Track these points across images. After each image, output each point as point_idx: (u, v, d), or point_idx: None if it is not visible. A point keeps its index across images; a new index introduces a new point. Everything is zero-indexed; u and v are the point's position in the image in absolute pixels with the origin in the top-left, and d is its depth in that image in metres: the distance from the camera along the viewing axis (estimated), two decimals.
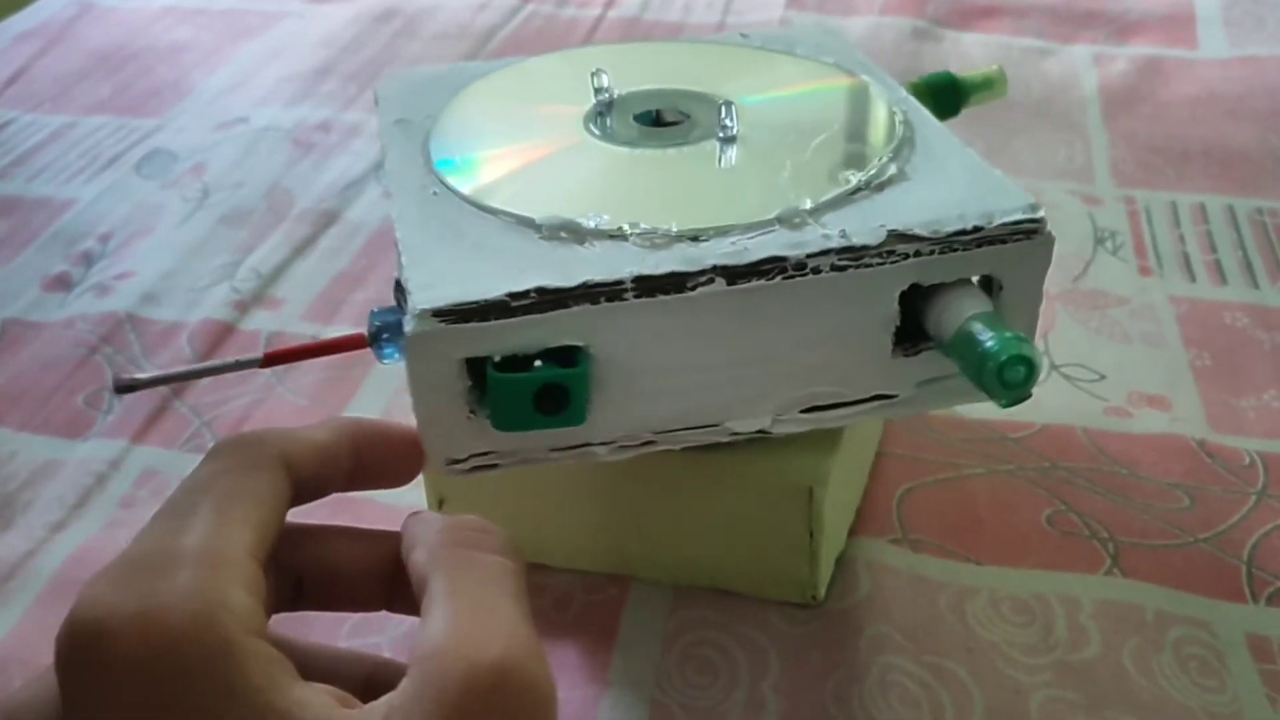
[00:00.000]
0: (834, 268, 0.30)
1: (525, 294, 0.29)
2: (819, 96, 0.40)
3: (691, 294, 0.30)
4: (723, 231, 0.31)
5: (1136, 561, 0.41)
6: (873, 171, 0.33)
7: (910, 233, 0.30)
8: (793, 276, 0.30)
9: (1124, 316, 0.55)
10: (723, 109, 0.36)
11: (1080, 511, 0.44)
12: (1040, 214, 0.31)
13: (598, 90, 0.38)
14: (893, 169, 0.33)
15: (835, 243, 0.30)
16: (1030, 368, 0.28)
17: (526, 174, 0.36)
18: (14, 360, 0.56)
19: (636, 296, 0.29)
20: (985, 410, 0.49)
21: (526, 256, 0.30)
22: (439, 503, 0.43)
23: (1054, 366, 0.52)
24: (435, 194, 0.34)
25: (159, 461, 0.49)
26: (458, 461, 0.31)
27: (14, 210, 0.69)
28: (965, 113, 0.44)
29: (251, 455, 0.26)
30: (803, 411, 0.33)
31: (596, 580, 0.41)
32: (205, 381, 0.54)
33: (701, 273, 0.29)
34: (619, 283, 0.29)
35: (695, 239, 0.30)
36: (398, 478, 0.30)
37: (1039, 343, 0.53)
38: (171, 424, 0.51)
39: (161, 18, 0.95)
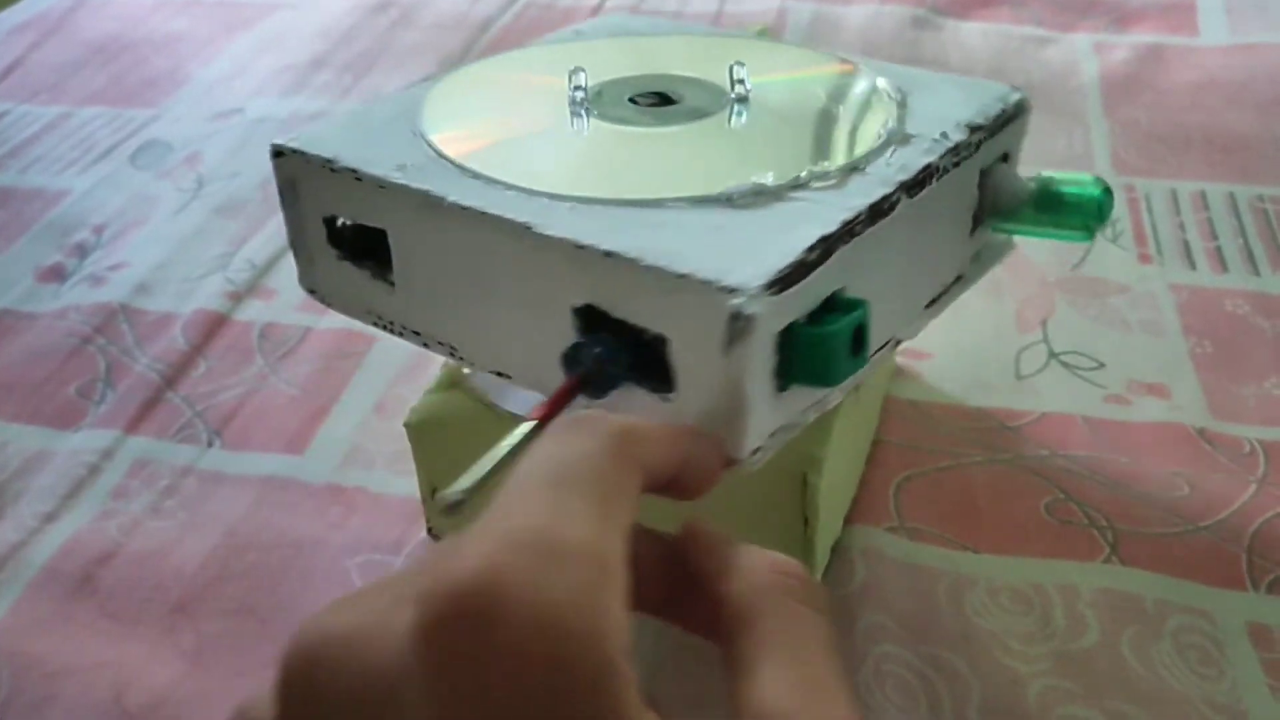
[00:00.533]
0: (955, 164, 0.34)
1: (813, 248, 0.29)
2: (809, 79, 0.40)
3: (893, 213, 0.31)
4: (858, 165, 0.33)
5: (1136, 550, 0.41)
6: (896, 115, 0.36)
7: (975, 123, 0.35)
8: (939, 177, 0.33)
9: (1124, 304, 0.55)
10: (734, 69, 0.38)
11: (1079, 500, 0.43)
12: (1023, 93, 0.38)
13: (576, 88, 0.38)
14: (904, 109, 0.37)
15: (946, 143, 0.34)
16: (1110, 193, 0.36)
17: (591, 164, 0.35)
18: (6, 351, 0.55)
19: (865, 227, 0.30)
20: (985, 398, 0.49)
21: (758, 223, 0.30)
22: (431, 490, 0.42)
23: (1053, 355, 0.51)
24: (571, 208, 0.31)
25: (151, 452, 0.48)
26: (759, 450, 0.30)
27: (8, 201, 0.68)
28: None
29: (628, 452, 0.23)
30: (925, 307, 0.36)
31: None
32: (198, 371, 0.53)
33: (894, 191, 0.31)
34: (857, 217, 0.30)
35: (856, 168, 0.33)
36: (697, 490, 0.27)
37: (1037, 330, 0.53)
38: (164, 414, 0.51)
39: (157, 9, 0.95)
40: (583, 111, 0.37)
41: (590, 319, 0.30)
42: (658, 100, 0.38)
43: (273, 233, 0.63)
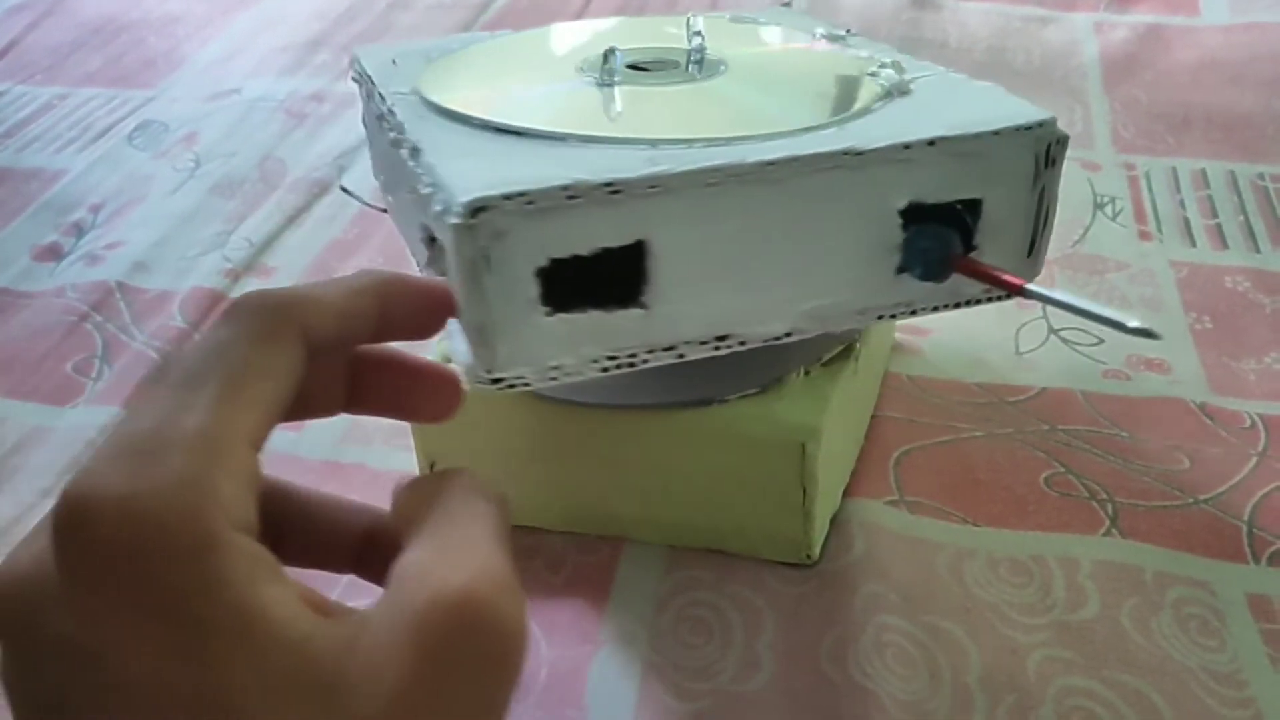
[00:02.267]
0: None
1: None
2: (808, 53, 0.40)
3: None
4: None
5: (1136, 522, 0.41)
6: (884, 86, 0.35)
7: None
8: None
9: (1123, 281, 0.54)
10: (690, 20, 0.38)
11: (1079, 473, 0.43)
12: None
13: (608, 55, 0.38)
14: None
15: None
16: None
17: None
18: (3, 329, 0.55)
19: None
20: (984, 374, 0.48)
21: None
22: (430, 465, 0.42)
23: (1052, 330, 0.51)
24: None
25: None
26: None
27: (5, 180, 0.68)
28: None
29: (269, 323, 0.24)
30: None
31: (590, 542, 0.41)
32: None
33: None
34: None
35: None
36: (424, 329, 0.28)
37: (1036, 306, 0.53)
38: None
39: None
40: (610, 78, 0.38)
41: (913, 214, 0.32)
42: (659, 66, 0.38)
43: (270, 211, 0.63)
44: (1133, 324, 0.27)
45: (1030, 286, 0.30)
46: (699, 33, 0.38)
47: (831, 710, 0.35)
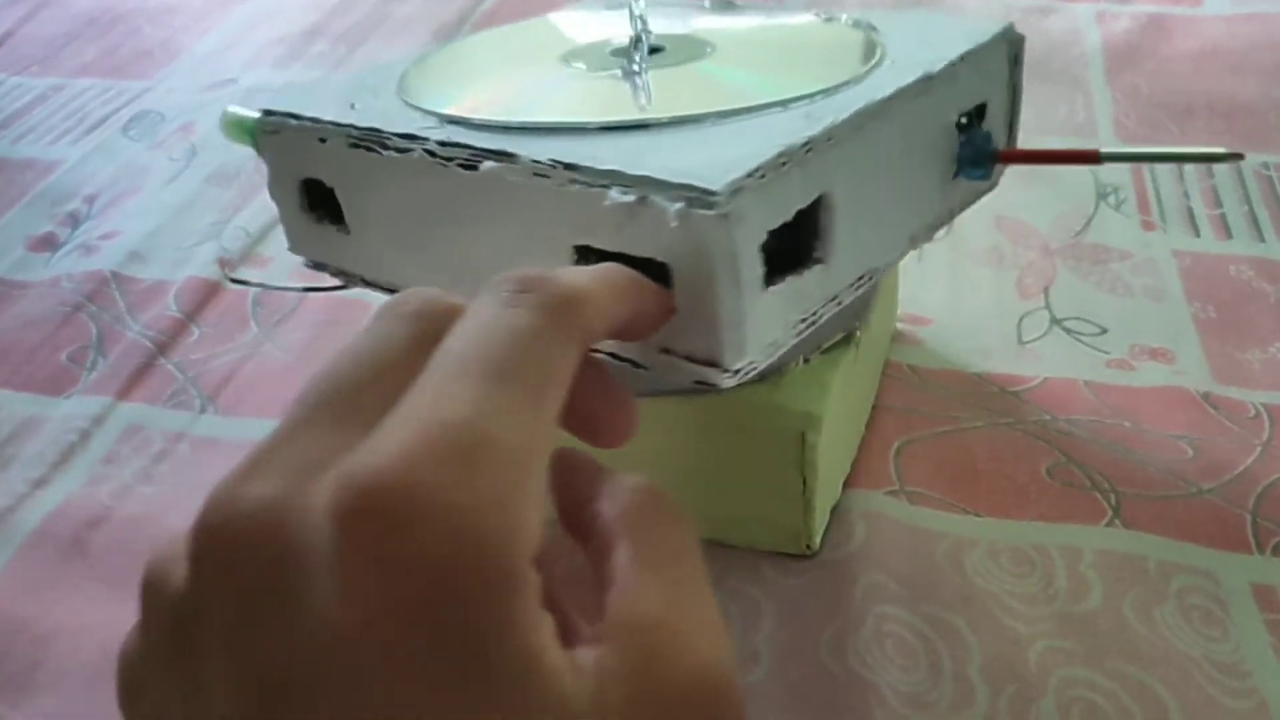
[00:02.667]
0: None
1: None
2: (795, 28, 0.40)
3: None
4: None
5: (1139, 512, 0.41)
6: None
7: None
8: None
9: (1126, 271, 0.54)
10: (632, 6, 0.37)
11: (1081, 463, 0.43)
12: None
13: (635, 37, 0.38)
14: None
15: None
16: None
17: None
18: None
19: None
20: (985, 364, 0.48)
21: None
22: None
23: (1055, 320, 0.51)
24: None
25: (143, 418, 0.48)
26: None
27: (0, 171, 0.68)
28: None
29: (563, 319, 0.22)
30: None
31: None
32: (191, 338, 0.53)
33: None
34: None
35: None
36: (644, 336, 0.27)
37: (1039, 296, 0.52)
38: (156, 380, 0.50)
39: None
40: (567, 65, 0.37)
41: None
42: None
43: (267, 201, 0.62)
44: (1219, 150, 0.32)
45: (1105, 150, 0.34)
46: (642, 17, 0.37)
47: (831, 702, 0.34)
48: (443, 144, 0.31)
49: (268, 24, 0.85)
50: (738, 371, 0.28)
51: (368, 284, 0.37)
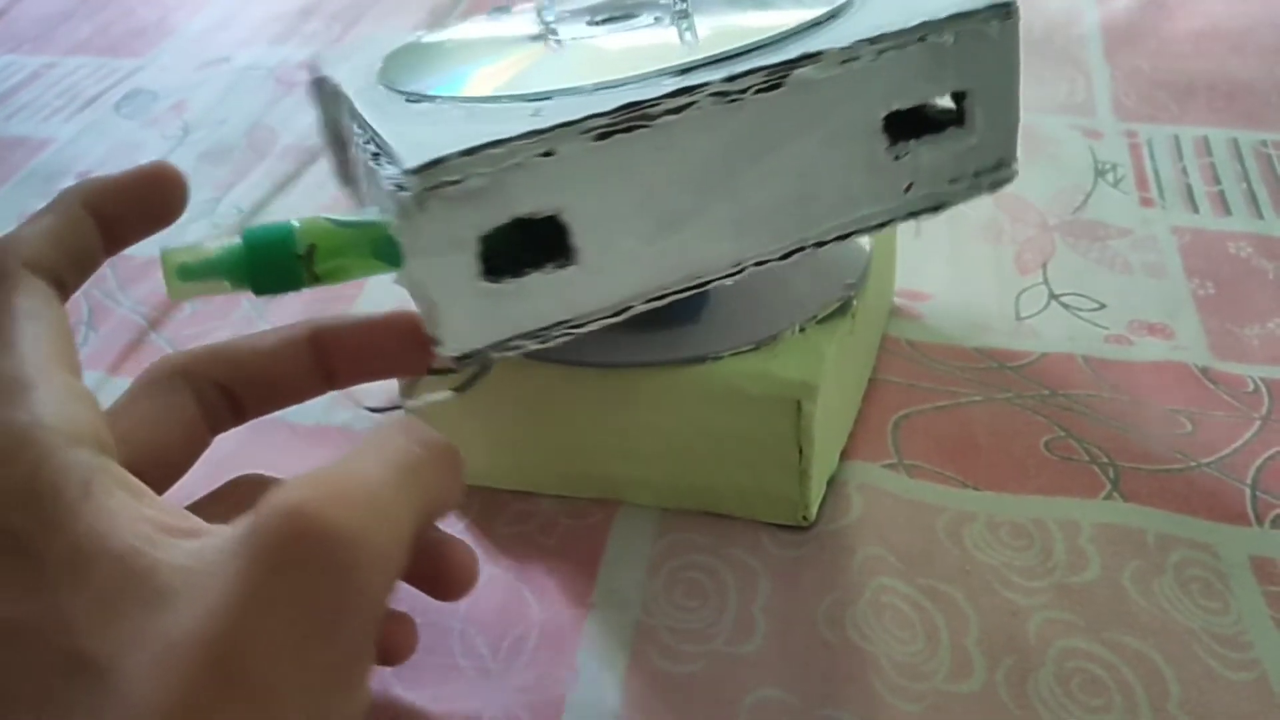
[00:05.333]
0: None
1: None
2: None
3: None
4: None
5: (1137, 486, 0.40)
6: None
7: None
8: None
9: (1125, 247, 0.54)
10: None
11: (1080, 437, 0.42)
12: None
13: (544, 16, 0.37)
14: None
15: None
16: None
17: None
18: None
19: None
20: (984, 339, 0.48)
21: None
22: None
23: (1053, 296, 0.50)
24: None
25: None
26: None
27: None
28: None
29: (3, 277, 0.24)
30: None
31: (582, 505, 0.40)
32: (184, 314, 0.52)
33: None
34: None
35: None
36: (159, 219, 0.28)
37: (1037, 272, 0.52)
38: (148, 356, 0.50)
39: None
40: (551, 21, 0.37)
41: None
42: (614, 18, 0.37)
43: (260, 178, 0.62)
44: None
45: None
46: None
47: (828, 672, 0.34)
48: (731, 78, 0.29)
49: (262, 2, 0.84)
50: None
51: (580, 327, 0.31)
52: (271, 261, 0.27)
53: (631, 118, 0.28)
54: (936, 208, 0.35)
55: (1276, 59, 0.69)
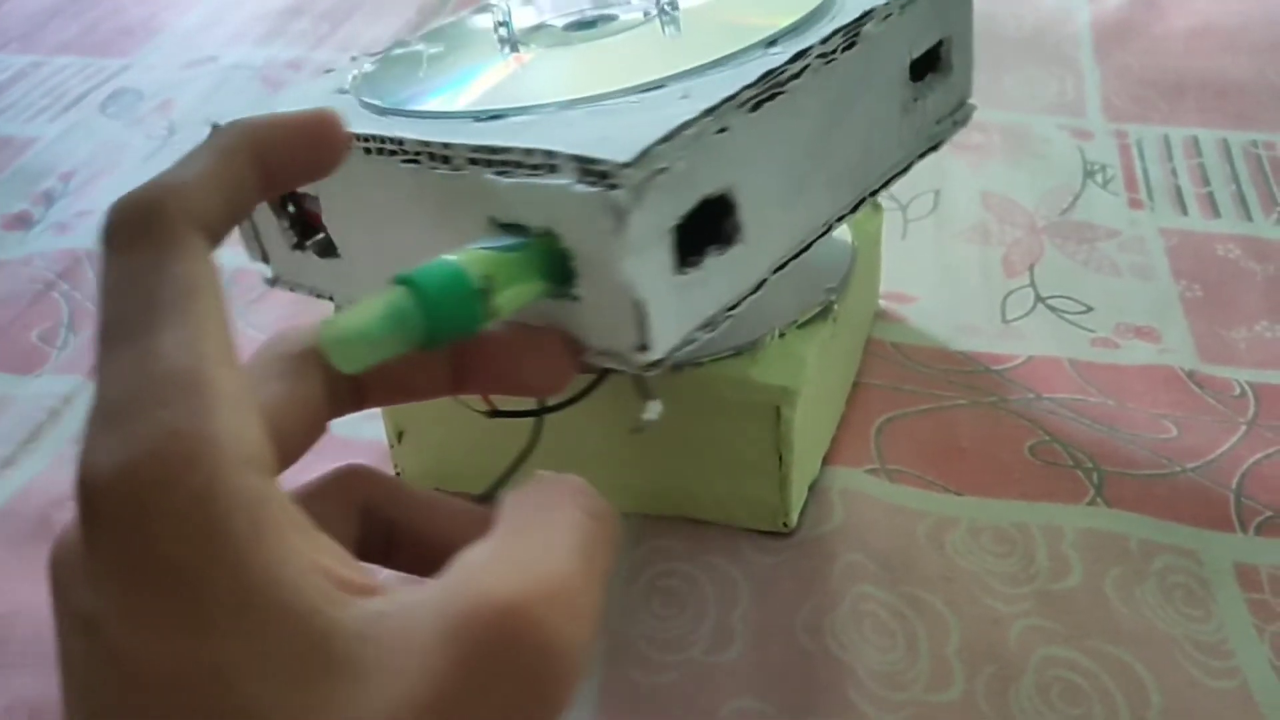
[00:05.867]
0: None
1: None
2: None
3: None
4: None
5: (1121, 491, 0.40)
6: None
7: None
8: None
9: (1113, 249, 0.53)
10: None
11: (1064, 442, 0.42)
12: None
13: (499, 25, 0.37)
14: None
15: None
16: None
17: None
18: None
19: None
20: (969, 342, 0.47)
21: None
22: (398, 435, 0.41)
23: (1040, 298, 0.50)
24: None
25: None
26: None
27: None
28: None
29: (166, 236, 0.20)
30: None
31: None
32: None
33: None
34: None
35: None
36: (323, 167, 0.25)
37: (1024, 274, 0.52)
38: None
39: None
40: (510, 45, 0.36)
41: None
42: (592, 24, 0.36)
43: None
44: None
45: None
46: None
47: (804, 681, 0.34)
48: (825, 39, 0.30)
49: (249, 1, 0.84)
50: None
51: (735, 309, 0.31)
52: (449, 306, 0.24)
53: (769, 86, 0.29)
54: (935, 146, 0.37)
55: (1268, 58, 0.69)
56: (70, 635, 0.19)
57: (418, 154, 0.29)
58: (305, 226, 0.34)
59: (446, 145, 0.28)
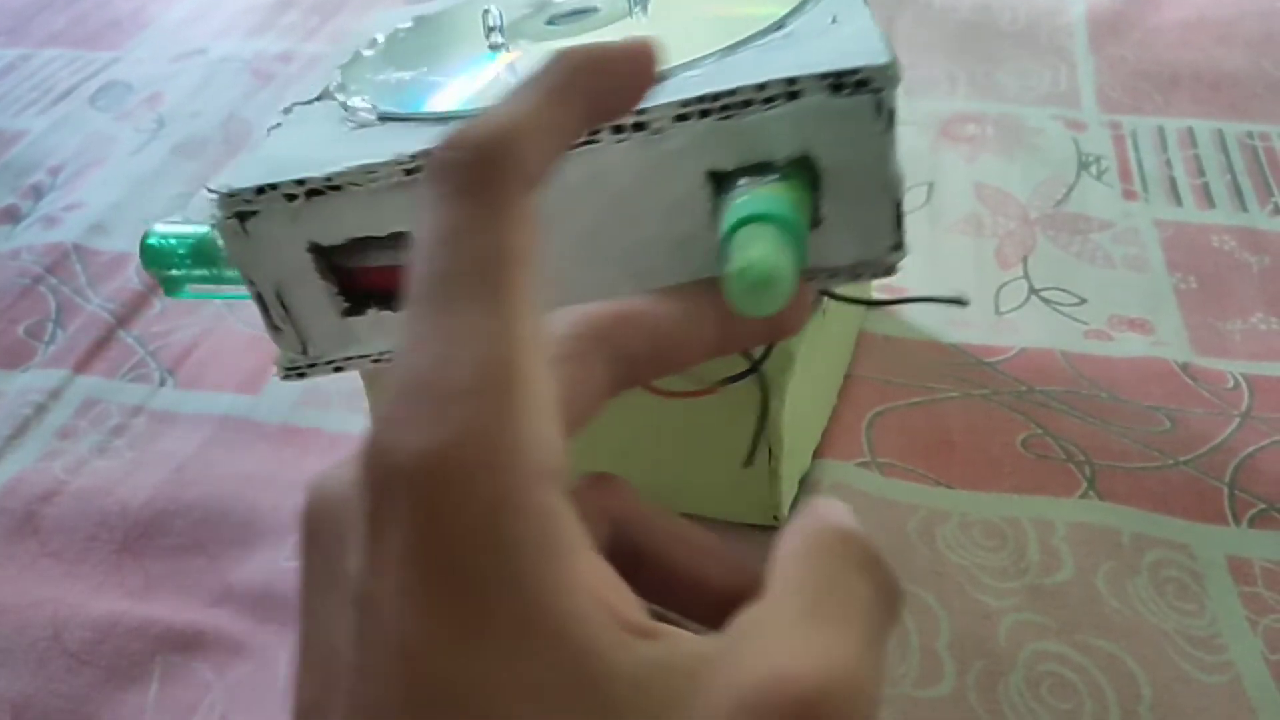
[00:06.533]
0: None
1: None
2: None
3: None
4: None
5: (1114, 484, 0.40)
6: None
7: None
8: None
9: (1107, 241, 0.53)
10: None
11: (1057, 435, 0.42)
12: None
13: (490, 30, 0.35)
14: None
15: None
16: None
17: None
18: None
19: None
20: (962, 334, 0.47)
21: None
22: None
23: (1033, 290, 0.50)
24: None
25: (101, 391, 0.47)
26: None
27: None
28: (947, 40, 0.41)
29: (501, 193, 0.19)
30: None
31: None
32: (153, 311, 0.52)
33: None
34: None
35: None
36: (634, 101, 0.22)
37: (1017, 266, 0.51)
38: (115, 353, 0.49)
39: None
40: (500, 42, 0.35)
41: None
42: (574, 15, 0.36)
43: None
44: None
45: None
46: None
47: None
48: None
49: None
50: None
51: None
52: (805, 237, 0.24)
53: None
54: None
55: (1263, 49, 0.69)
56: (331, 600, 0.19)
57: (595, 132, 0.26)
58: (356, 288, 0.30)
59: (642, 110, 0.26)
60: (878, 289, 0.49)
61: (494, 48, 0.35)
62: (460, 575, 0.17)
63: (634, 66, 0.22)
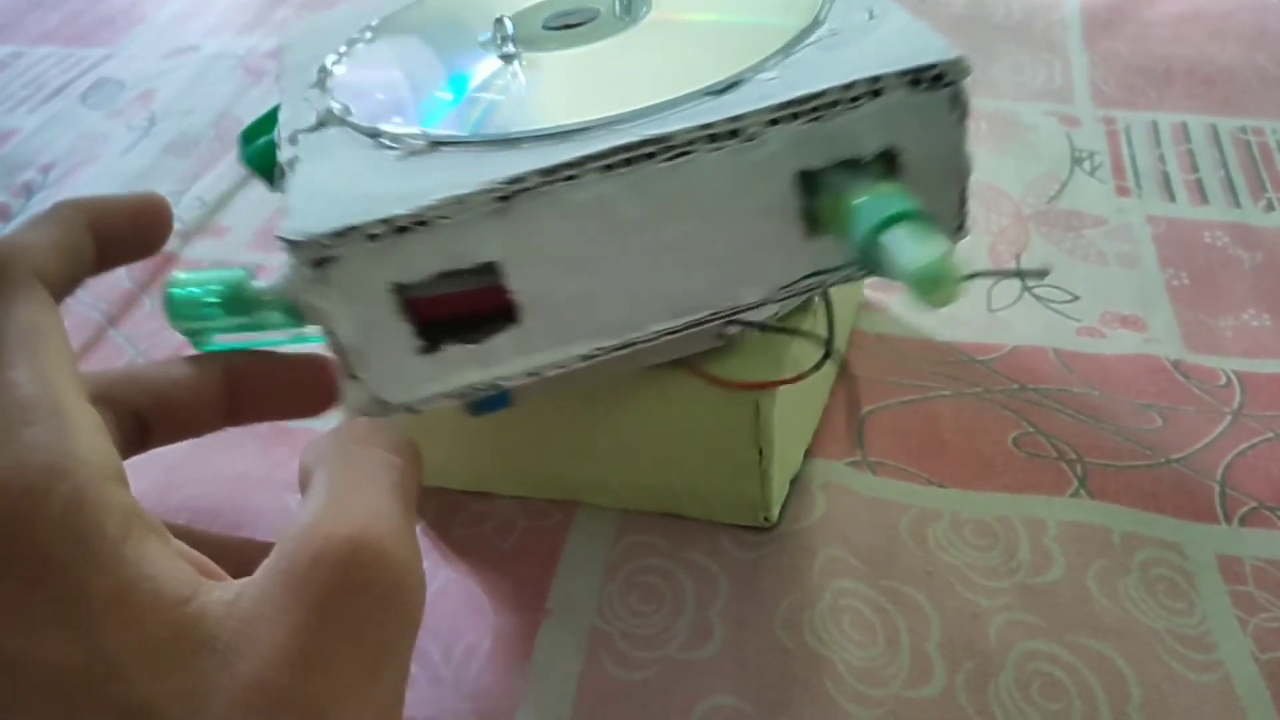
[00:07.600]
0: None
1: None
2: None
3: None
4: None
5: (1105, 483, 0.40)
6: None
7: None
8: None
9: (1099, 237, 0.53)
10: None
11: (1048, 433, 0.42)
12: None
13: (502, 39, 0.34)
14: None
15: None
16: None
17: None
18: None
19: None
20: (954, 332, 0.47)
21: None
22: None
23: (1025, 288, 0.50)
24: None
25: None
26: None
27: None
28: (941, 34, 0.40)
29: (12, 283, 0.23)
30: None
31: (541, 506, 0.39)
32: (143, 310, 0.52)
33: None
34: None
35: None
36: (149, 246, 0.27)
37: (1010, 263, 0.51)
38: (106, 353, 0.49)
39: None
40: (512, 53, 0.33)
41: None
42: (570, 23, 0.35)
43: (225, 170, 0.61)
44: None
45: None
46: None
47: (783, 679, 0.33)
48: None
49: None
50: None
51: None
52: None
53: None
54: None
55: (1257, 44, 0.69)
56: None
57: (689, 144, 0.26)
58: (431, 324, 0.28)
59: (736, 118, 0.26)
60: (868, 287, 0.49)
61: (506, 58, 0.34)
62: (50, 570, 0.19)
63: (139, 217, 0.27)
